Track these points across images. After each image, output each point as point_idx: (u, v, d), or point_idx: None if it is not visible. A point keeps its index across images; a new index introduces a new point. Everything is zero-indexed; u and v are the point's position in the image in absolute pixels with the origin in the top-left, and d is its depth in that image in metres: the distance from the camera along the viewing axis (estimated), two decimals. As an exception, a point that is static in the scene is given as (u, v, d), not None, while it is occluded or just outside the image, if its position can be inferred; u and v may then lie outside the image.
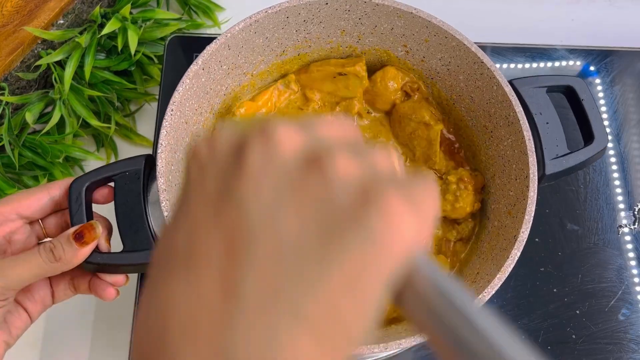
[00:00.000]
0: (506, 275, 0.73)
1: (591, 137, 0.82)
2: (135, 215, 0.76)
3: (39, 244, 0.71)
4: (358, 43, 0.90)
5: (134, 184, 0.77)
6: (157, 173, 0.74)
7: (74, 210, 0.76)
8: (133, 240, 0.75)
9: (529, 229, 0.75)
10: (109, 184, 0.78)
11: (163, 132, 0.76)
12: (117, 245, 0.75)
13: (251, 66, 0.88)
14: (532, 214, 0.76)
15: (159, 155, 0.75)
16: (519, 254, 0.74)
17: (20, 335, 0.73)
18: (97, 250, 0.74)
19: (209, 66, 0.81)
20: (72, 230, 0.70)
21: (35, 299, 0.74)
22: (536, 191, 0.76)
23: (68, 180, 0.75)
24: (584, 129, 0.83)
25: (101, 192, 0.77)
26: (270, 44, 0.86)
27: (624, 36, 1.22)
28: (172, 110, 0.77)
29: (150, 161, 0.78)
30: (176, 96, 0.77)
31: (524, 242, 0.75)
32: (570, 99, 0.85)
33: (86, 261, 0.73)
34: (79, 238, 0.69)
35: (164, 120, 0.77)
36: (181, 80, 0.78)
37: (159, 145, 0.76)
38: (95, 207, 0.77)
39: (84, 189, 0.76)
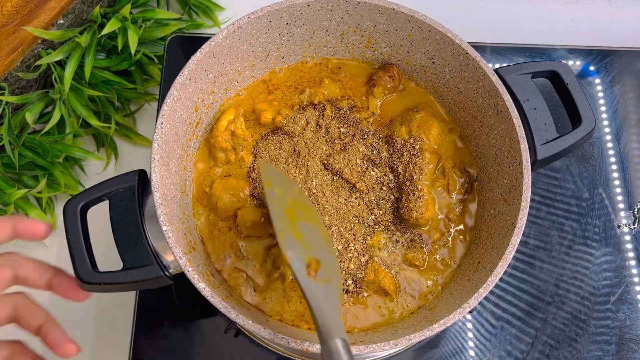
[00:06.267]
0: (508, 263, 0.71)
1: (579, 120, 0.81)
2: (133, 232, 0.75)
3: None
4: (341, 42, 0.90)
5: (128, 201, 0.76)
6: (152, 187, 0.73)
7: (70, 231, 0.75)
8: (132, 257, 0.75)
9: (526, 215, 0.74)
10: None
11: (155, 145, 0.75)
12: (116, 263, 0.75)
13: (236, 73, 0.88)
14: (529, 200, 0.75)
15: (152, 170, 0.74)
16: (518, 240, 0.73)
17: None
18: (96, 270, 0.74)
19: (195, 76, 0.81)
20: None
21: None
22: (530, 177, 0.75)
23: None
24: (571, 112, 0.83)
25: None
26: (255, 49, 0.86)
27: (624, 36, 1.22)
28: (162, 123, 0.77)
29: (143, 176, 0.78)
30: (165, 109, 0.77)
31: (523, 228, 0.73)
32: (555, 84, 0.84)
33: (86, 282, 0.73)
34: None
35: (155, 134, 0.76)
36: (169, 92, 0.78)
37: (152, 159, 0.75)
38: (91, 226, 0.77)
39: (79, 209, 0.76)
